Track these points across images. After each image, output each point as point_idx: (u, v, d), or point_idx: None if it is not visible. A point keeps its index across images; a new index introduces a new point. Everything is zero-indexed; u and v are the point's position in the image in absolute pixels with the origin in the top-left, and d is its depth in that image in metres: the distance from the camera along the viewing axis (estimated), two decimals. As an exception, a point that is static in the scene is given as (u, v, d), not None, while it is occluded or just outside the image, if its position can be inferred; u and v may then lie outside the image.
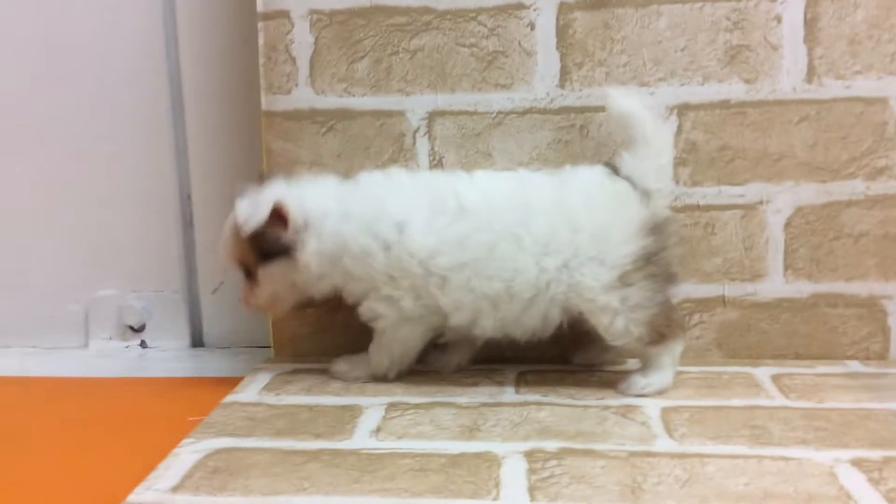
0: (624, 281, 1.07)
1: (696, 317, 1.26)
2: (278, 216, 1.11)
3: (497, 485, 0.86)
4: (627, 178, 1.10)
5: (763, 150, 1.22)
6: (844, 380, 1.15)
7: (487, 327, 1.13)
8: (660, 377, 1.11)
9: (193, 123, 1.50)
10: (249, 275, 1.18)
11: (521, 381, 1.17)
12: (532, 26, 1.24)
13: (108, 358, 1.50)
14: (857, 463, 0.88)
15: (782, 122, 1.22)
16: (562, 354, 1.24)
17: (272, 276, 1.16)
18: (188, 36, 1.47)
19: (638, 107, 1.11)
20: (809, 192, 1.22)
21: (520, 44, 1.24)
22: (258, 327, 1.51)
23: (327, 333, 1.32)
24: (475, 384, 1.17)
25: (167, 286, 1.55)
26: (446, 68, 1.26)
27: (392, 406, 1.09)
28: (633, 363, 1.20)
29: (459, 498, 0.83)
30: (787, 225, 1.23)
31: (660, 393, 1.10)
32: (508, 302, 1.10)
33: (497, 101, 1.26)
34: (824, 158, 1.21)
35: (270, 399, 1.13)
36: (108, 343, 1.56)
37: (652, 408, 1.06)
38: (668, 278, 1.11)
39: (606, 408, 1.06)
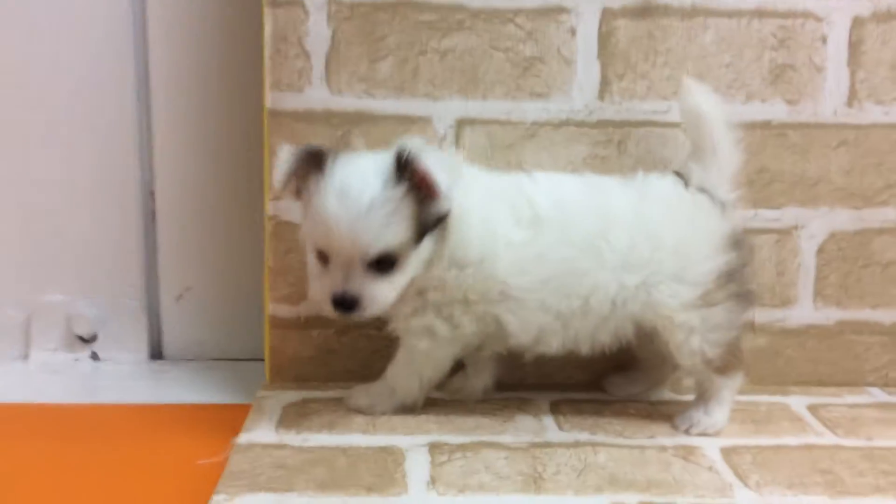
0: (706, 300, 1.00)
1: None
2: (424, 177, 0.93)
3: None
4: (701, 189, 1.04)
5: (801, 174, 1.19)
6: (879, 412, 1.14)
7: (554, 345, 1.03)
8: (721, 414, 1.05)
9: (161, 111, 1.33)
10: (385, 265, 0.95)
11: (559, 413, 1.10)
12: (573, 32, 1.15)
13: (53, 373, 1.32)
14: (945, 515, 0.86)
15: (821, 145, 1.19)
16: (593, 381, 1.18)
17: (420, 259, 0.97)
18: (159, 15, 1.30)
19: (714, 107, 1.05)
20: (843, 218, 1.20)
21: (559, 50, 1.16)
22: (226, 338, 1.38)
23: (334, 357, 1.21)
24: (511, 418, 1.09)
25: (124, 291, 1.38)
26: (478, 73, 1.16)
27: (435, 448, 1.00)
28: (668, 394, 1.15)
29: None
30: (820, 251, 1.21)
31: (719, 433, 1.05)
32: (582, 319, 1.01)
33: (532, 110, 1.17)
34: (860, 184, 1.19)
35: (293, 439, 1.02)
36: (53, 355, 1.37)
37: (711, 448, 1.01)
38: (747, 298, 1.05)
39: (663, 449, 1.00)
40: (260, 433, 1.03)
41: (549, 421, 1.09)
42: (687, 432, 1.04)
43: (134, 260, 1.38)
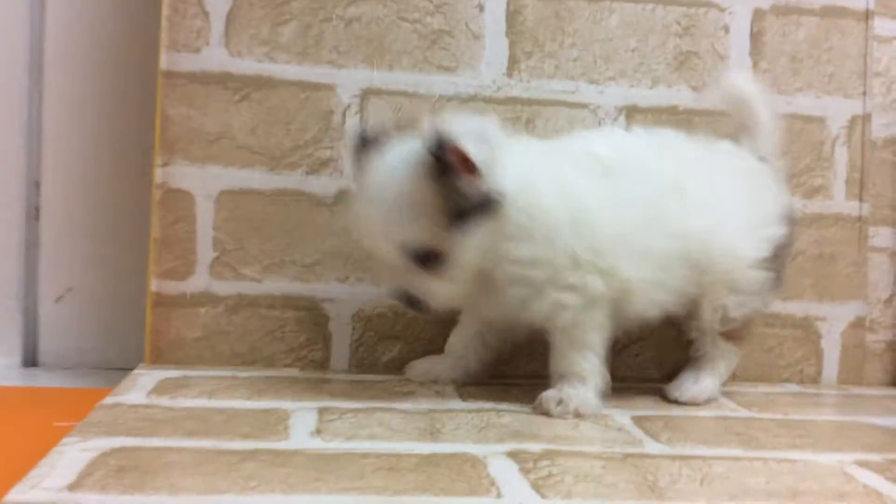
0: (758, 265, 0.99)
1: (638, 333, 1.17)
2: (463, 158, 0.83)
3: (493, 483, 0.70)
4: (761, 159, 1.05)
5: (708, 161, 1.19)
6: (794, 398, 1.10)
7: (663, 299, 0.96)
8: (711, 383, 1.03)
9: (52, 93, 1.26)
10: (428, 260, 0.88)
11: (464, 393, 1.03)
12: (481, 7, 1.14)
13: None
14: (863, 464, 0.81)
15: (727, 133, 1.19)
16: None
17: (471, 247, 0.87)
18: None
19: (753, 87, 1.07)
20: (750, 207, 1.19)
21: (467, 25, 1.14)
22: (108, 345, 1.27)
23: (224, 338, 1.11)
24: (412, 392, 1.01)
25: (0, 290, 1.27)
26: (385, 43, 1.13)
27: (325, 410, 0.90)
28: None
29: (454, 496, 0.67)
30: (729, 239, 1.19)
31: (707, 402, 1.02)
32: (680, 267, 0.95)
33: (439, 84, 1.14)
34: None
35: (166, 402, 0.91)
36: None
37: (621, 416, 0.94)
38: (780, 278, 1.04)
39: (578, 416, 0.93)
40: (128, 397, 0.92)
41: (452, 395, 1.01)
42: (676, 400, 1.02)
43: (13, 256, 1.27)
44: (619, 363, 1.05)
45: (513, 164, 0.88)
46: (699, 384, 1.02)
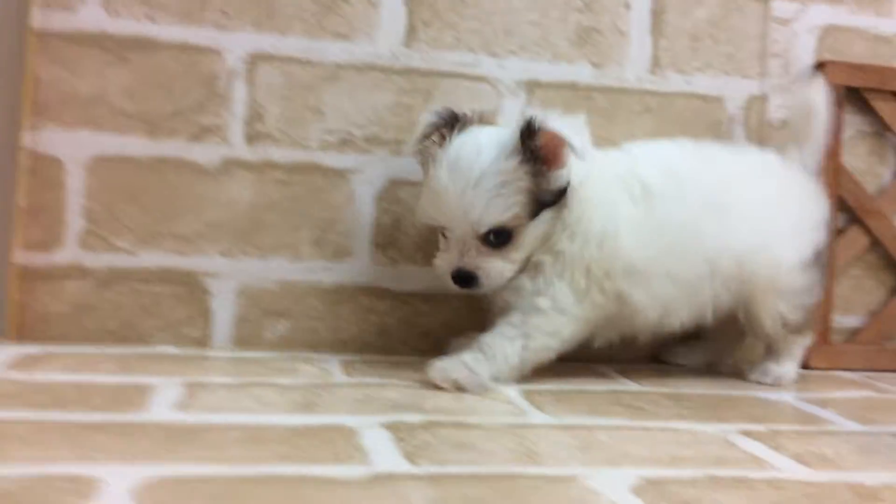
0: (804, 267, 1.04)
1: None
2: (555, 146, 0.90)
3: (363, 452, 0.66)
4: (803, 168, 1.10)
5: (608, 139, 1.17)
6: (684, 373, 1.10)
7: (682, 317, 1.00)
8: (791, 366, 1.08)
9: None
10: (501, 240, 0.91)
11: (350, 369, 0.98)
12: (378, -26, 1.11)
13: None
14: (746, 433, 0.80)
15: (627, 111, 1.18)
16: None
17: (537, 233, 0.92)
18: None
19: (826, 103, 1.10)
20: (649, 186, 1.18)
21: (363, -9, 1.10)
22: None
23: (93, 314, 1.03)
24: (294, 369, 0.96)
25: None
26: (276, 5, 1.08)
27: (196, 385, 0.85)
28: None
29: (318, 464, 0.62)
30: (627, 218, 1.18)
31: (793, 383, 1.07)
32: (711, 282, 0.99)
33: (333, 51, 1.09)
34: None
35: (18, 376, 0.84)
36: None
37: (511, 390, 0.91)
38: (824, 270, 1.10)
39: (460, 388, 0.90)
40: (-22, 373, 0.85)
41: (337, 371, 0.96)
42: (759, 382, 1.06)
43: None
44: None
45: (580, 166, 0.92)
46: (782, 367, 1.07)
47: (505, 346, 0.92)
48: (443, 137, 0.93)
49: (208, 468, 0.61)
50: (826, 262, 1.11)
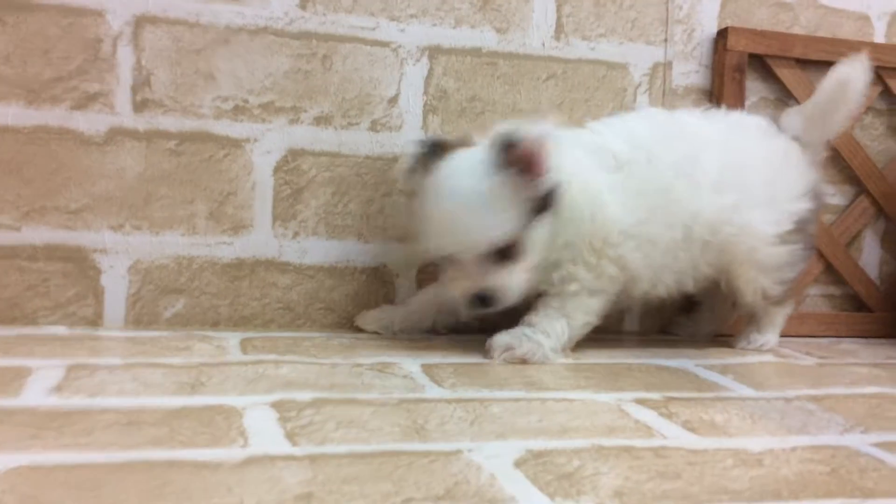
0: (783, 239, 1.04)
1: (441, 281, 1.14)
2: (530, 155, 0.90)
3: (243, 433, 0.64)
4: (795, 138, 1.09)
5: (513, 105, 1.16)
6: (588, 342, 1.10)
7: (668, 282, 1.03)
8: (773, 334, 1.13)
9: None
10: (507, 253, 0.92)
11: (248, 347, 0.95)
12: (271, -67, 1.06)
13: None
14: (642, 402, 0.80)
15: (531, 77, 1.16)
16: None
17: (541, 237, 0.94)
18: None
19: (860, 86, 1.09)
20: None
21: (256, -49, 1.06)
22: None
23: (-25, 293, 0.98)
24: (187, 348, 0.93)
25: None
26: (163, -34, 1.03)
27: (77, 367, 0.81)
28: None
29: (193, 448, 0.60)
30: (534, 186, 1.17)
31: (771, 349, 1.12)
32: (686, 250, 1.01)
33: (225, 13, 1.05)
34: (567, 119, 1.17)
35: None
36: None
37: (411, 365, 0.90)
38: (811, 244, 1.11)
39: (359, 365, 0.88)
40: None
41: (233, 349, 0.93)
42: (743, 348, 1.12)
43: None
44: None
45: (559, 158, 0.93)
46: (763, 336, 1.12)
47: (553, 323, 0.98)
48: (425, 167, 0.95)
49: (75, 455, 0.57)
50: (813, 234, 1.10)
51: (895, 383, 0.94)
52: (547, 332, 0.97)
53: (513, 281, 0.93)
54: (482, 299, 0.93)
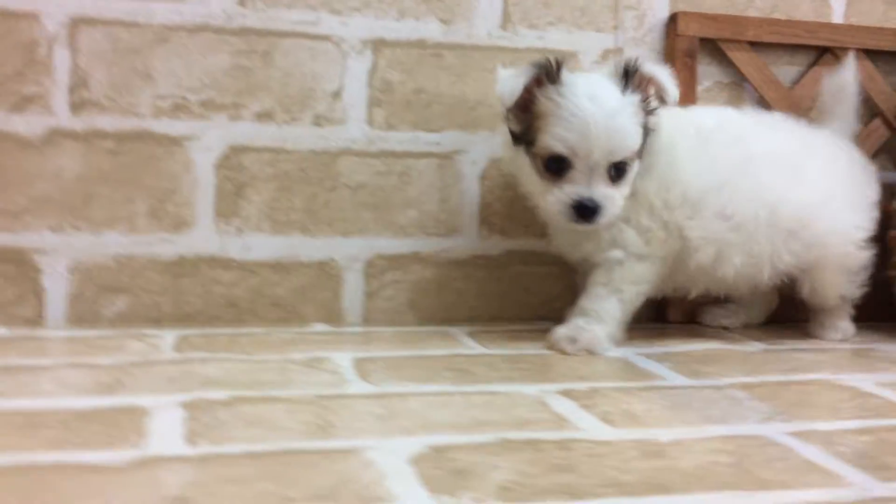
0: (867, 243, 1.07)
1: (390, 275, 1.13)
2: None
3: (143, 435, 0.63)
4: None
5: (460, 97, 1.15)
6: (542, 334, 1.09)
7: (736, 262, 1.01)
8: (850, 324, 1.13)
9: None
10: (621, 172, 0.95)
11: (183, 345, 0.95)
12: (206, -71, 1.05)
13: None
14: (566, 393, 0.79)
15: (478, 68, 1.15)
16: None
17: (636, 171, 0.97)
18: None
19: (856, 84, 1.14)
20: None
21: (191, -53, 1.05)
22: None
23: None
24: (120, 347, 0.93)
25: None
26: (97, -35, 1.03)
27: (1, 369, 0.81)
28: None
29: (89, 449, 0.60)
30: (483, 177, 1.16)
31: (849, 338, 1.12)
32: (767, 231, 1.01)
33: (162, 12, 1.04)
34: (518, 109, 1.16)
35: None
36: None
37: (343, 359, 0.90)
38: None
39: (289, 361, 0.88)
40: None
41: (167, 347, 0.93)
42: (827, 339, 1.11)
43: None
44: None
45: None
46: (850, 324, 1.13)
47: (605, 305, 0.99)
48: (547, 82, 0.95)
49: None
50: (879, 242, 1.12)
51: (835, 370, 0.93)
52: (601, 317, 0.99)
53: (618, 200, 0.95)
54: (591, 209, 0.94)
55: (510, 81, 0.96)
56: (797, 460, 0.63)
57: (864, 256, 1.08)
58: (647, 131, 0.96)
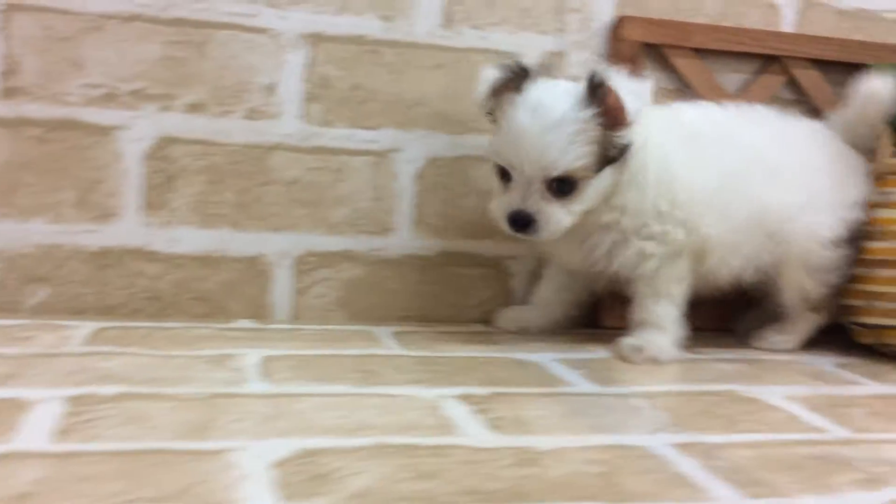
0: (836, 244, 1.06)
1: (321, 272, 1.13)
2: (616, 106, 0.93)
3: (14, 429, 0.63)
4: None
5: (398, 95, 1.14)
6: (470, 336, 1.09)
7: (734, 265, 1.03)
8: (796, 337, 1.10)
9: None
10: (565, 188, 0.94)
11: (97, 337, 0.95)
12: (141, -82, 1.05)
13: None
14: (464, 398, 0.79)
15: (417, 66, 1.15)
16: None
17: (599, 188, 0.96)
18: None
19: (888, 98, 1.11)
20: (441, 144, 1.16)
21: (125, -64, 1.04)
22: None
23: None
24: (31, 337, 0.92)
25: None
26: (28, -49, 1.02)
27: None
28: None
29: (-53, 444, 0.59)
30: (419, 176, 1.15)
31: (793, 351, 1.09)
32: (756, 232, 1.02)
33: (96, 0, 1.04)
34: (455, 109, 1.16)
35: None
36: None
37: (252, 357, 0.89)
38: (852, 257, 1.08)
39: (196, 358, 0.88)
40: None
41: (78, 339, 0.93)
42: (760, 347, 1.10)
43: None
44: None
45: (643, 123, 0.96)
46: (784, 336, 1.11)
47: (661, 311, 1.01)
48: (511, 88, 0.96)
49: None
50: (857, 247, 1.08)
51: (753, 381, 0.92)
52: (660, 325, 1.01)
53: (559, 216, 0.94)
54: (524, 221, 0.94)
55: (482, 84, 0.97)
56: (669, 473, 0.63)
57: (829, 256, 1.05)
58: (610, 147, 0.94)
